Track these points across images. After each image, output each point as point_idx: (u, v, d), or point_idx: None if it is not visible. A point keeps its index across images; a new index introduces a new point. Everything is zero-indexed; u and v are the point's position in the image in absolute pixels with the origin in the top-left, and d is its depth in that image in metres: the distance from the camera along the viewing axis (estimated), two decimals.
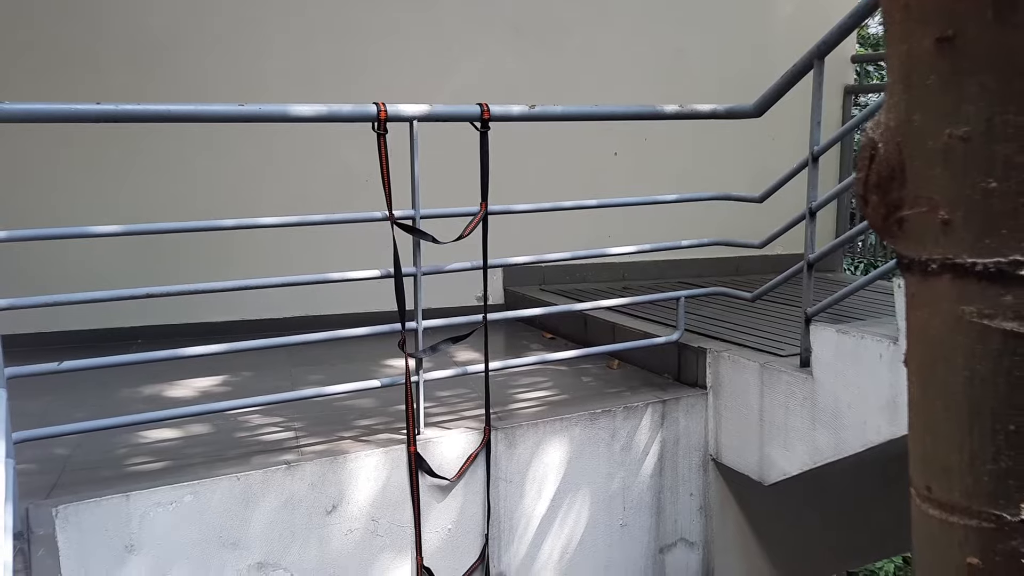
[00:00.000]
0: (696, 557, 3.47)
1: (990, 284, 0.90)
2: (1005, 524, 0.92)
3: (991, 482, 0.92)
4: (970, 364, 0.93)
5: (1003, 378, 0.90)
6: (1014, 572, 0.92)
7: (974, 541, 0.94)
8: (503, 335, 4.68)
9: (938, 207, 0.94)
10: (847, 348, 2.79)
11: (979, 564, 0.94)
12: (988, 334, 0.91)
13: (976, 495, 0.94)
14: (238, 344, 2.65)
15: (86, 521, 2.32)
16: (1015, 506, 0.91)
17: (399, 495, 2.83)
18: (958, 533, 0.96)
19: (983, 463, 0.93)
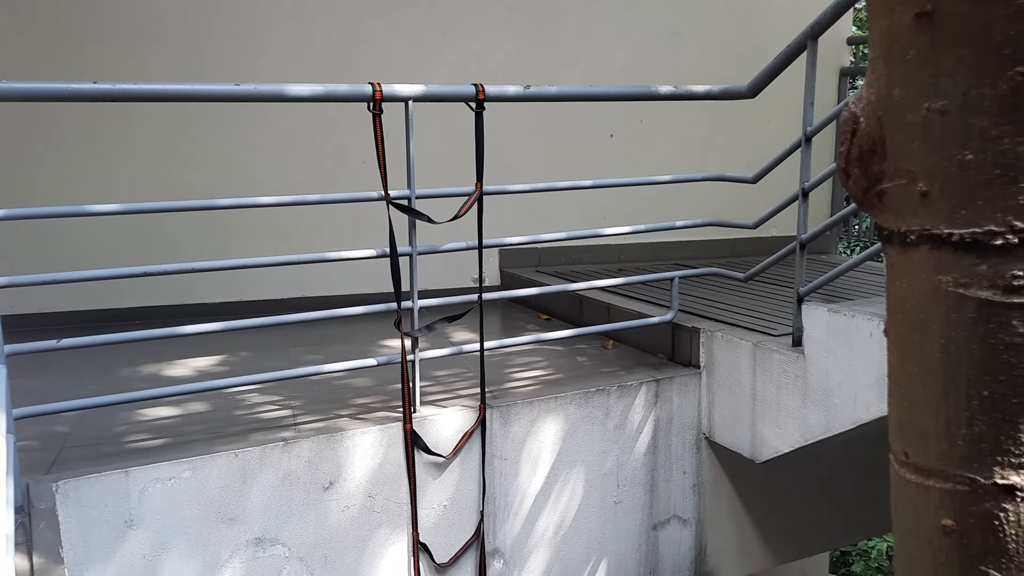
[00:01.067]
0: (689, 534, 3.51)
1: (965, 254, 0.93)
2: (979, 487, 0.95)
3: (965, 446, 0.95)
4: (946, 332, 0.95)
5: (977, 345, 0.93)
6: (987, 533, 0.95)
7: (949, 504, 0.98)
8: (499, 317, 4.70)
9: (916, 179, 0.96)
10: (838, 327, 2.82)
11: (953, 526, 0.97)
12: (963, 302, 0.94)
13: (951, 459, 0.97)
14: (235, 323, 2.68)
15: (86, 496, 2.36)
16: (988, 469, 0.95)
17: (395, 472, 2.87)
18: (934, 496, 0.99)
19: (958, 428, 0.96)
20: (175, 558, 2.51)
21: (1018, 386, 0.92)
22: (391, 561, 2.89)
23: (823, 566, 6.66)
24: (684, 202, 5.30)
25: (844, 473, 3.91)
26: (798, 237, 3.10)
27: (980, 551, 0.96)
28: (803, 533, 3.93)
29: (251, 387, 3.27)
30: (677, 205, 5.31)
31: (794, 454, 3.17)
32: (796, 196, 3.11)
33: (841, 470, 3.89)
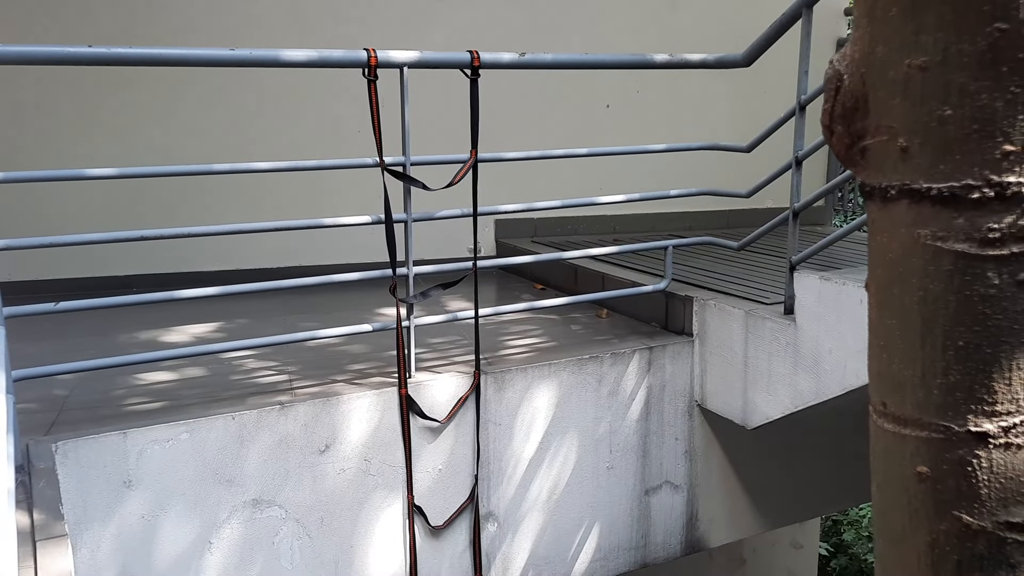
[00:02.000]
0: (681, 499, 3.57)
1: (943, 208, 0.95)
2: (953, 435, 0.98)
3: (940, 395, 0.98)
4: (923, 284, 0.98)
5: (954, 296, 0.96)
6: (960, 479, 0.99)
7: (924, 451, 1.01)
8: (494, 286, 4.73)
9: (897, 135, 0.98)
10: (829, 295, 2.85)
11: (928, 472, 1.00)
12: (941, 255, 0.96)
13: (927, 408, 1.00)
14: (232, 288, 2.70)
15: (85, 457, 2.39)
16: (962, 417, 0.98)
17: (390, 436, 2.90)
18: (910, 445, 1.02)
19: (934, 378, 0.99)
20: (173, 518, 2.55)
21: (992, 337, 0.95)
22: (386, 523, 2.93)
23: (814, 534, 6.75)
24: (679, 173, 5.31)
25: (834, 440, 3.96)
26: (791, 206, 3.12)
27: (953, 496, 0.99)
28: (793, 499, 3.99)
29: (247, 352, 3.30)
30: (672, 177, 5.32)
31: (785, 421, 3.21)
32: (790, 165, 3.12)
33: (831, 437, 3.94)
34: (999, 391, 0.95)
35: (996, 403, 0.95)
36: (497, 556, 3.18)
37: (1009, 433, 0.96)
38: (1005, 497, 0.97)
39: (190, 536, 2.59)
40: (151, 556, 2.54)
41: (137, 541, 2.51)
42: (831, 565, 7.86)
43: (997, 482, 0.96)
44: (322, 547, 2.83)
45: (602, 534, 3.40)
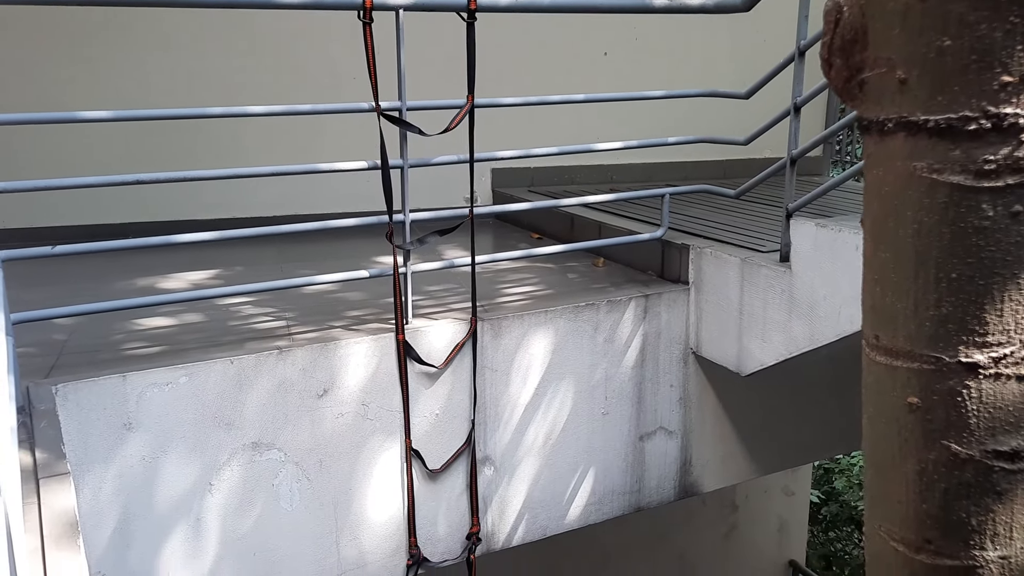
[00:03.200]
0: (675, 445, 3.61)
1: (940, 140, 0.96)
2: (943, 365, 1.00)
3: (932, 327, 1.00)
4: (918, 216, 0.99)
5: (948, 228, 0.97)
6: (950, 409, 1.00)
7: (915, 382, 1.02)
8: (491, 236, 4.73)
9: (896, 67, 0.98)
10: (825, 241, 2.86)
11: (919, 403, 1.02)
12: (936, 187, 0.97)
13: (918, 339, 1.01)
14: (228, 233, 2.70)
15: (85, 400, 2.41)
16: (953, 348, 0.99)
17: (388, 381, 2.93)
18: (901, 376, 1.04)
19: (926, 309, 1.00)
20: (174, 460, 2.58)
21: (985, 268, 0.96)
22: (384, 467, 2.97)
23: (806, 481, 6.85)
24: (677, 123, 5.27)
25: (827, 387, 4.00)
26: (788, 153, 3.11)
27: (943, 426, 1.01)
28: (786, 446, 4.04)
29: (245, 299, 3.31)
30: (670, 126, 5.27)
31: (778, 368, 3.24)
32: (788, 112, 3.11)
33: (824, 384, 3.98)
34: (990, 322, 0.96)
35: (987, 334, 0.97)
36: (493, 499, 3.23)
37: (999, 364, 0.97)
38: (993, 426, 0.98)
39: (191, 478, 2.63)
40: (153, 497, 2.58)
41: (139, 483, 2.54)
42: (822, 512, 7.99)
43: (986, 412, 0.98)
44: (321, 489, 2.87)
45: (597, 479, 3.45)
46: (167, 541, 2.62)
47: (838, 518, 8.07)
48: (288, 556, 2.85)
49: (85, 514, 2.46)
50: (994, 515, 1.00)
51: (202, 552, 2.69)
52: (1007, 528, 1.00)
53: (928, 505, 1.03)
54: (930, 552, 1.04)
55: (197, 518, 2.66)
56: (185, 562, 2.66)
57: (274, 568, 2.82)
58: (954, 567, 1.03)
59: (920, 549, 1.05)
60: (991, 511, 1.00)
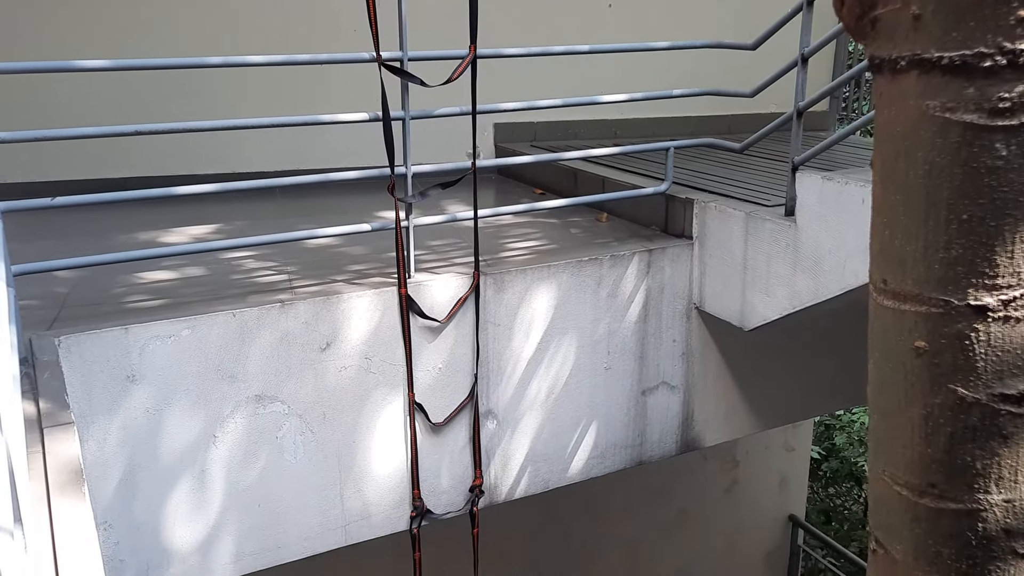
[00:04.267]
0: (677, 399, 3.62)
1: (954, 77, 0.93)
2: (952, 308, 0.99)
3: (942, 269, 0.98)
4: (930, 157, 0.97)
5: (960, 169, 0.95)
6: (957, 352, 0.99)
7: (923, 326, 1.01)
8: (493, 191, 4.70)
9: (909, 3, 0.95)
10: (831, 194, 2.84)
11: (926, 346, 1.01)
12: (948, 127, 0.95)
13: (927, 282, 1.00)
14: (229, 184, 2.68)
15: (87, 352, 2.41)
16: (962, 291, 0.98)
17: (391, 335, 2.93)
18: (908, 320, 1.03)
19: (935, 252, 0.98)
20: (178, 412, 2.59)
21: (996, 209, 0.94)
22: (388, 420, 2.98)
23: (806, 437, 6.89)
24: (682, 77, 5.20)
25: (829, 343, 3.99)
26: (795, 105, 3.07)
27: (950, 370, 1.00)
28: (787, 401, 4.05)
29: (246, 253, 3.30)
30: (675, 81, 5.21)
31: (781, 323, 3.24)
32: (795, 63, 3.06)
33: (826, 340, 3.97)
34: (1001, 264, 0.95)
35: (997, 276, 0.95)
36: (496, 452, 3.25)
37: (1008, 307, 0.96)
38: (1001, 370, 0.97)
39: (195, 430, 2.64)
40: (157, 449, 2.60)
41: (143, 434, 2.56)
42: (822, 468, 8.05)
43: (994, 355, 0.97)
44: (325, 442, 2.88)
45: (599, 432, 3.47)
46: (172, 492, 2.65)
47: (838, 474, 8.13)
48: (292, 508, 2.87)
49: (90, 465, 2.48)
50: (999, 459, 1.00)
51: (207, 503, 2.71)
52: (1012, 471, 1.00)
53: (933, 449, 1.03)
54: (934, 496, 1.04)
55: (202, 470, 2.68)
56: (190, 513, 2.69)
57: (279, 519, 2.85)
58: (958, 511, 1.03)
59: (924, 493, 1.05)
60: (997, 455, 0.99)
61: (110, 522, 2.55)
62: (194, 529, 2.71)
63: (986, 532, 1.02)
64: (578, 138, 5.37)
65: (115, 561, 2.58)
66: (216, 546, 2.75)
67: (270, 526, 2.84)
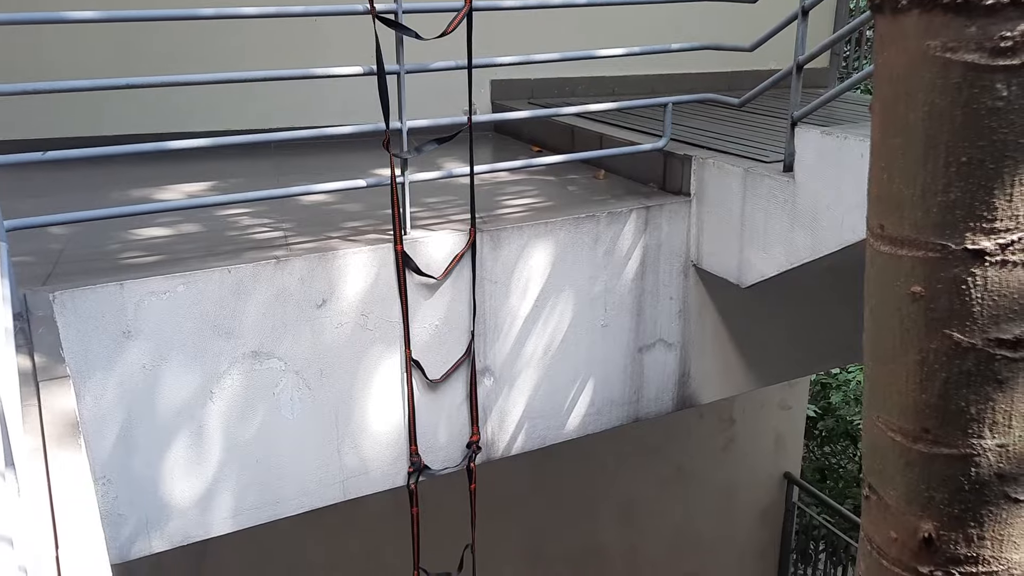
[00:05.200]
0: (673, 357, 3.63)
1: (956, 16, 0.92)
2: (949, 253, 0.98)
3: (939, 213, 0.97)
4: (930, 98, 0.95)
5: (960, 110, 0.93)
6: (954, 297, 0.99)
7: (919, 271, 1.00)
8: (490, 148, 4.66)
9: None
10: (830, 149, 2.81)
11: (922, 292, 1.00)
12: (949, 67, 0.93)
13: (924, 227, 0.99)
14: (222, 139, 2.65)
15: (82, 307, 2.41)
16: (959, 235, 0.97)
17: (387, 292, 2.92)
18: (905, 265, 1.02)
19: (934, 195, 0.97)
20: (174, 368, 2.59)
21: (996, 151, 0.93)
22: (385, 376, 2.99)
23: (802, 396, 6.92)
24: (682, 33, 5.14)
25: (826, 301, 3.99)
26: (795, 58, 3.04)
27: (946, 315, 0.99)
28: (784, 358, 4.06)
29: (242, 209, 3.28)
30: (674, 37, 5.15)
31: (778, 280, 3.23)
32: (796, 15, 3.02)
33: (823, 298, 3.97)
34: (999, 207, 0.94)
35: (995, 220, 0.95)
36: (493, 409, 3.26)
37: (1006, 250, 0.95)
38: (997, 314, 0.97)
39: (192, 386, 2.64)
40: (155, 405, 2.60)
41: (140, 390, 2.56)
42: (818, 426, 8.10)
43: (990, 299, 0.97)
44: (322, 399, 2.89)
45: (596, 389, 3.48)
46: (170, 448, 2.66)
47: (834, 432, 8.19)
48: (290, 463, 2.88)
49: (88, 421, 2.48)
50: (994, 403, 1.00)
51: (205, 458, 2.72)
52: (1006, 416, 1.00)
53: (928, 395, 1.03)
54: (928, 441, 1.04)
55: (199, 426, 2.69)
56: (188, 468, 2.70)
57: (277, 475, 2.87)
58: (951, 455, 1.03)
59: (918, 439, 1.05)
60: (991, 400, 0.99)
61: (109, 477, 2.56)
62: (193, 484, 2.72)
63: (979, 477, 1.02)
64: (576, 95, 5.32)
65: (114, 515, 2.59)
66: (215, 501, 2.77)
67: (268, 481, 2.86)
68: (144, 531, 2.67)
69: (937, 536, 1.06)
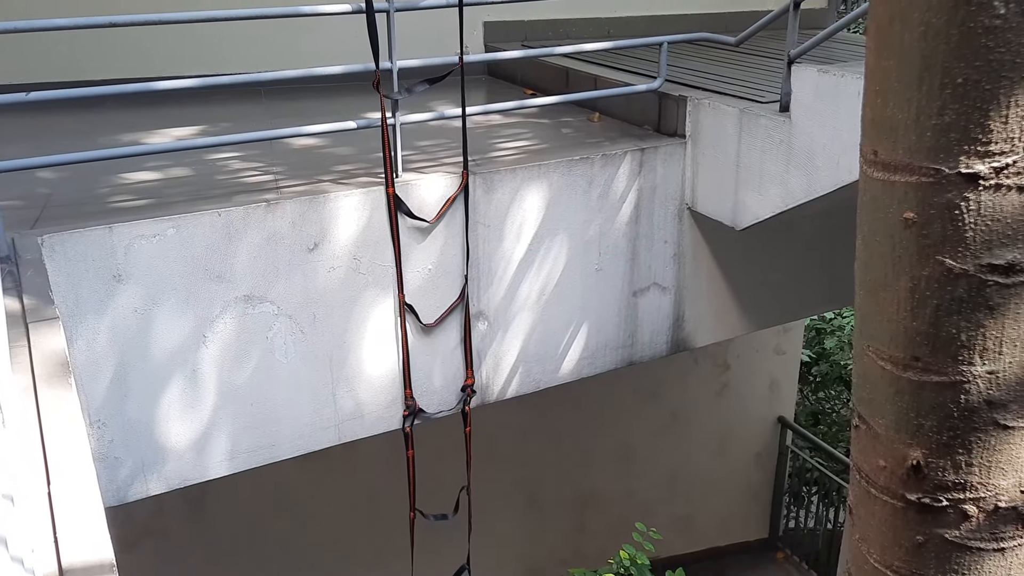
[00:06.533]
0: (668, 300, 3.62)
1: None
2: (943, 177, 0.96)
3: (934, 136, 0.95)
4: (925, 18, 0.93)
5: (956, 30, 0.91)
6: (947, 223, 0.97)
7: (912, 197, 0.99)
8: (483, 91, 4.60)
9: None
10: (827, 87, 2.78)
11: (915, 218, 0.99)
12: None
13: (918, 151, 0.97)
14: (211, 80, 2.62)
15: (72, 250, 2.39)
16: (954, 159, 0.95)
17: (379, 235, 2.90)
18: (898, 191, 1.00)
19: (928, 118, 0.95)
20: (166, 312, 2.58)
21: (992, 72, 0.91)
22: (378, 320, 2.98)
23: (797, 341, 6.95)
24: None
25: (820, 244, 3.98)
26: None
27: (938, 241, 0.98)
28: (778, 301, 4.06)
29: (231, 153, 3.24)
30: None
31: (773, 223, 3.22)
32: None
33: (818, 241, 3.96)
34: (995, 129, 0.92)
35: (990, 143, 0.93)
36: (488, 353, 3.27)
37: (1000, 174, 0.93)
38: (990, 240, 0.96)
39: (184, 330, 2.64)
40: (148, 349, 2.60)
41: (133, 334, 2.55)
42: (812, 371, 8.14)
43: (983, 224, 0.95)
44: (316, 343, 2.89)
45: (590, 333, 3.48)
46: (164, 392, 2.66)
47: (828, 377, 8.22)
48: (285, 407, 2.89)
49: (81, 364, 2.48)
50: (984, 330, 0.99)
51: (200, 402, 2.73)
52: (997, 343, 0.99)
53: (918, 322, 1.02)
54: (917, 369, 1.04)
55: (193, 369, 2.69)
56: (183, 412, 2.71)
57: (272, 418, 2.88)
58: (941, 383, 1.03)
59: (908, 367, 1.05)
60: (982, 326, 0.99)
61: (103, 420, 2.57)
62: (188, 428, 2.74)
63: (968, 404, 1.02)
64: (570, 38, 5.23)
65: (110, 459, 2.61)
66: (211, 444, 2.79)
67: (264, 425, 2.87)
68: (141, 474, 2.68)
69: (925, 463, 1.06)
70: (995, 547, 1.07)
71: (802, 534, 7.21)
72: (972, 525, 1.06)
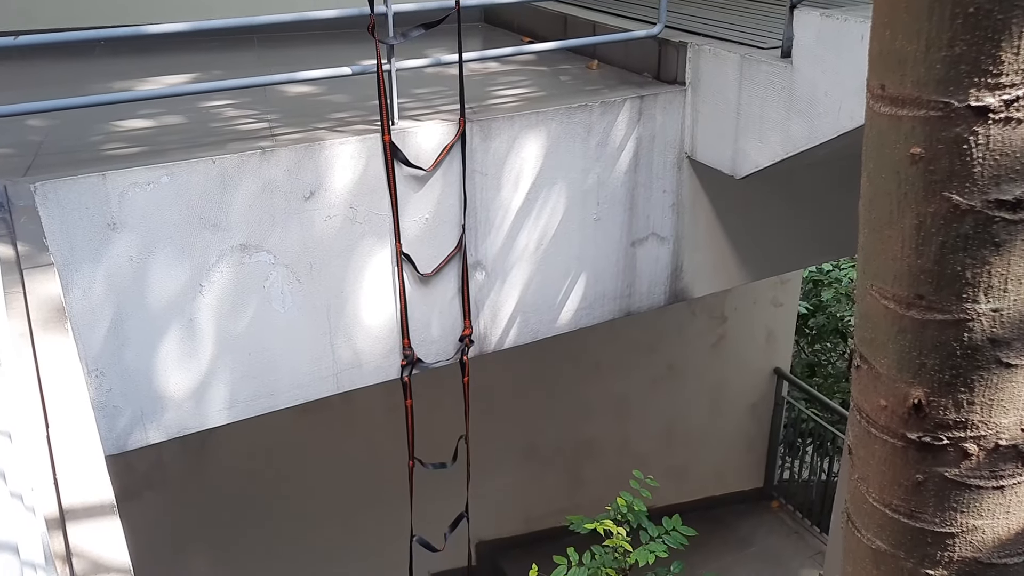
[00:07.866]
0: (667, 250, 3.61)
1: None
2: (952, 111, 0.94)
3: (943, 69, 0.93)
4: None
5: None
6: (954, 158, 0.95)
7: (920, 131, 0.97)
8: (480, 40, 4.53)
9: None
10: (829, 32, 2.73)
11: (922, 153, 0.97)
12: None
13: (927, 84, 0.95)
14: (203, 23, 2.58)
15: (65, 198, 2.36)
16: (963, 92, 0.93)
17: (376, 184, 2.87)
18: (905, 126, 0.98)
19: (938, 50, 0.93)
20: (162, 261, 2.56)
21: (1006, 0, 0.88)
22: (376, 270, 2.97)
23: (794, 293, 6.96)
24: None
25: (821, 193, 3.95)
26: None
27: (945, 176, 0.96)
28: (777, 252, 4.05)
29: (225, 101, 3.20)
30: None
31: (772, 172, 3.19)
32: None
33: (818, 191, 3.93)
34: (1006, 61, 0.90)
35: (1001, 74, 0.91)
36: (486, 303, 3.26)
37: (1011, 107, 0.92)
38: (998, 175, 0.94)
39: (181, 279, 2.62)
40: (144, 298, 2.58)
41: (129, 283, 2.54)
42: (809, 323, 8.16)
43: (992, 159, 0.94)
44: (313, 292, 2.87)
45: (588, 283, 3.47)
46: (162, 341, 2.65)
47: (824, 329, 8.25)
48: (283, 356, 2.89)
49: (78, 313, 2.47)
50: (990, 267, 0.98)
51: (198, 351, 2.73)
52: (1002, 280, 0.98)
53: (923, 260, 1.01)
54: (921, 307, 1.03)
55: (190, 319, 2.68)
56: (181, 361, 2.71)
57: (270, 367, 2.88)
58: (944, 321, 1.02)
59: (911, 305, 1.04)
60: (987, 263, 0.98)
61: (101, 369, 2.56)
62: (186, 377, 2.74)
63: (971, 342, 1.01)
64: None
65: (109, 408, 2.61)
66: (209, 393, 2.79)
67: (262, 374, 2.87)
68: (140, 422, 2.69)
69: (927, 402, 1.06)
70: (994, 485, 1.07)
71: (797, 484, 7.29)
72: (972, 463, 1.06)
